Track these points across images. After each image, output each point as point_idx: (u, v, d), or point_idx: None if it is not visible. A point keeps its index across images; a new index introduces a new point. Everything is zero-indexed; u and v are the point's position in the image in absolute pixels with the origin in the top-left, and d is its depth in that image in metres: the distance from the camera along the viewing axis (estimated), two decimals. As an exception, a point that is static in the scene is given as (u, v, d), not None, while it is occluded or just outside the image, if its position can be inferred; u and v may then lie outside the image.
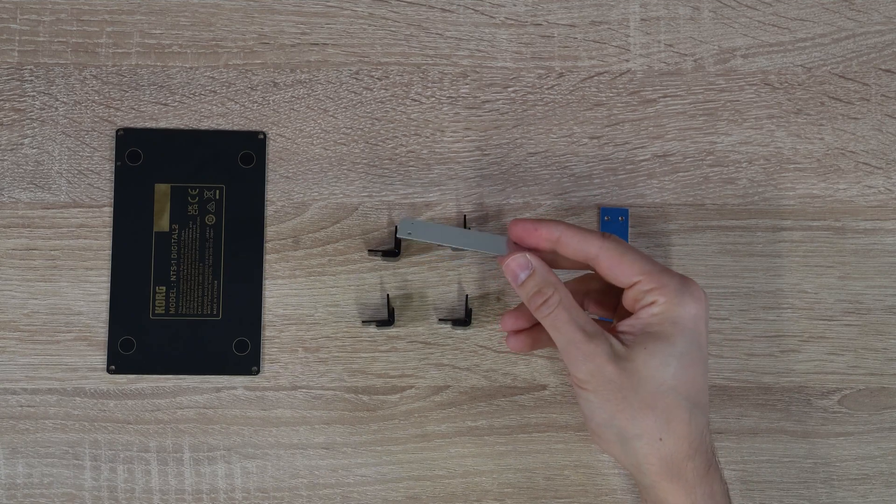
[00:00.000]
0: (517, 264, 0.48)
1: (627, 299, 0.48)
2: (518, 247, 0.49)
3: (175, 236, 0.56)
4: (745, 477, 0.56)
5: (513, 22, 0.58)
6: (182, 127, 0.57)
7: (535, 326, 0.52)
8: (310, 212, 0.57)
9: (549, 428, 0.56)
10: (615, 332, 0.48)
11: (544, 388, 0.56)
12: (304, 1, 0.58)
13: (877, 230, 0.57)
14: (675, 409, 0.47)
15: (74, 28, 0.57)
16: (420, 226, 0.50)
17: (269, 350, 0.56)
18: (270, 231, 0.56)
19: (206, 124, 0.57)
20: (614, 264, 0.47)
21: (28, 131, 0.56)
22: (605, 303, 0.52)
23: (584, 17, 0.58)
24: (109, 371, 0.55)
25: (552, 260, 0.49)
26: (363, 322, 0.56)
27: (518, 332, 0.53)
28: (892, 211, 0.58)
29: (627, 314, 0.49)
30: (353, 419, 0.56)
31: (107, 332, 0.55)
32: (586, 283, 0.52)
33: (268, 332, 0.56)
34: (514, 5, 0.58)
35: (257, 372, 0.55)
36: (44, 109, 0.56)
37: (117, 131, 0.56)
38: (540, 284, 0.48)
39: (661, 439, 0.47)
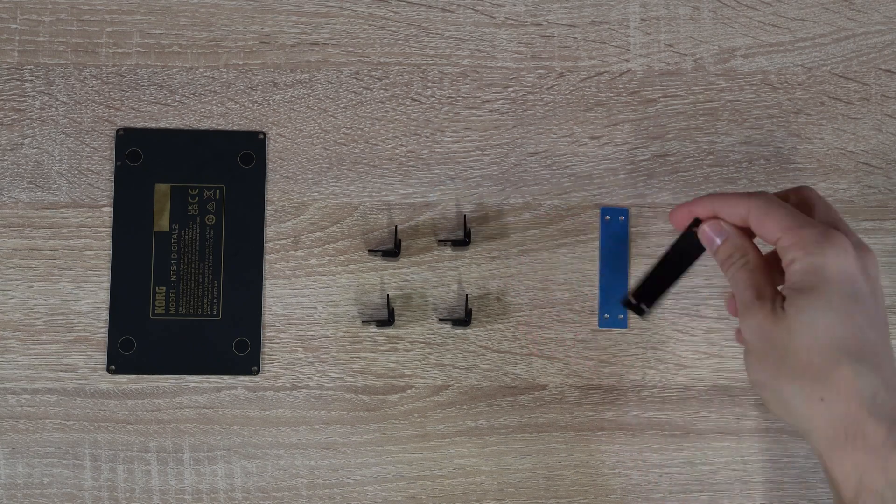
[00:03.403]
0: (713, 230, 0.49)
1: (782, 260, 0.48)
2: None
3: (175, 236, 0.56)
4: (745, 477, 0.56)
5: (513, 22, 0.58)
6: (182, 127, 0.57)
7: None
8: (310, 212, 0.57)
9: (549, 428, 0.56)
10: (780, 296, 0.47)
11: (544, 388, 0.56)
12: (304, 1, 0.58)
13: (877, 230, 0.57)
14: (835, 365, 0.44)
15: (74, 28, 0.57)
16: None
17: (269, 350, 0.56)
18: (270, 231, 0.56)
19: (206, 124, 0.57)
20: (761, 223, 0.47)
21: (28, 131, 0.56)
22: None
23: (584, 17, 0.58)
24: (109, 371, 0.55)
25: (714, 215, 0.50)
26: (363, 322, 0.56)
27: None
28: (892, 211, 0.57)
29: None
30: (353, 419, 0.56)
31: (107, 332, 0.55)
32: None
33: (268, 332, 0.56)
34: (514, 5, 0.58)
35: (257, 372, 0.55)
36: (44, 109, 0.56)
37: (117, 131, 0.56)
38: (731, 249, 0.48)
39: (822, 399, 0.44)
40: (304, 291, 0.56)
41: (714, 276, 0.57)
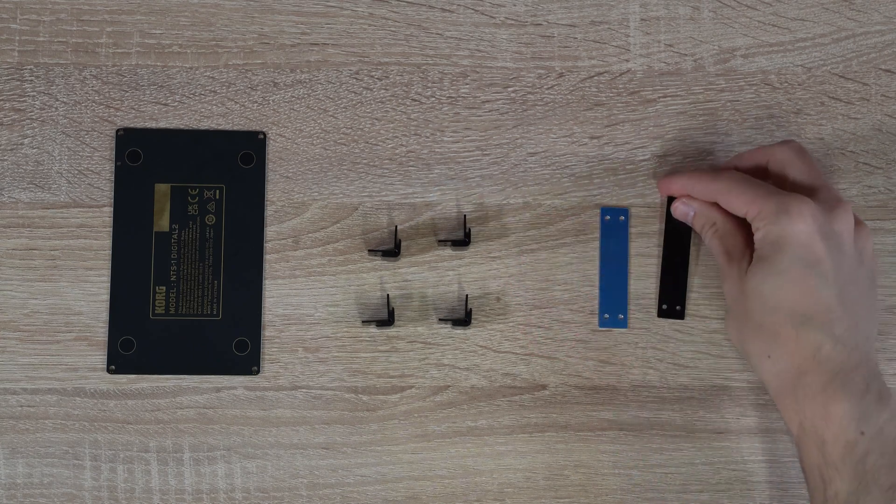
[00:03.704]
0: (683, 205, 0.55)
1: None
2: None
3: (175, 236, 0.56)
4: (745, 477, 0.56)
5: (513, 22, 0.58)
6: (182, 127, 0.57)
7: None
8: (310, 212, 0.57)
9: (549, 428, 0.56)
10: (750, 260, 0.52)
11: (544, 387, 0.56)
12: (304, 1, 0.58)
13: (877, 230, 0.57)
14: (781, 326, 0.49)
15: (74, 28, 0.57)
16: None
17: (269, 350, 0.56)
18: (270, 231, 0.56)
19: (206, 124, 0.57)
20: (728, 203, 0.52)
21: (28, 131, 0.56)
22: None
23: (584, 17, 0.58)
24: (109, 371, 0.55)
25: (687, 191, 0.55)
26: (363, 322, 0.56)
27: None
28: (892, 211, 0.57)
29: None
30: (353, 419, 0.56)
31: (107, 332, 0.55)
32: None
33: (268, 332, 0.56)
34: (514, 5, 0.58)
35: (257, 372, 0.55)
36: (44, 109, 0.56)
37: (117, 131, 0.56)
38: (702, 220, 0.54)
39: (769, 357, 0.50)
40: (304, 291, 0.56)
41: (714, 276, 0.57)
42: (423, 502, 0.55)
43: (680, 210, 0.55)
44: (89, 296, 0.56)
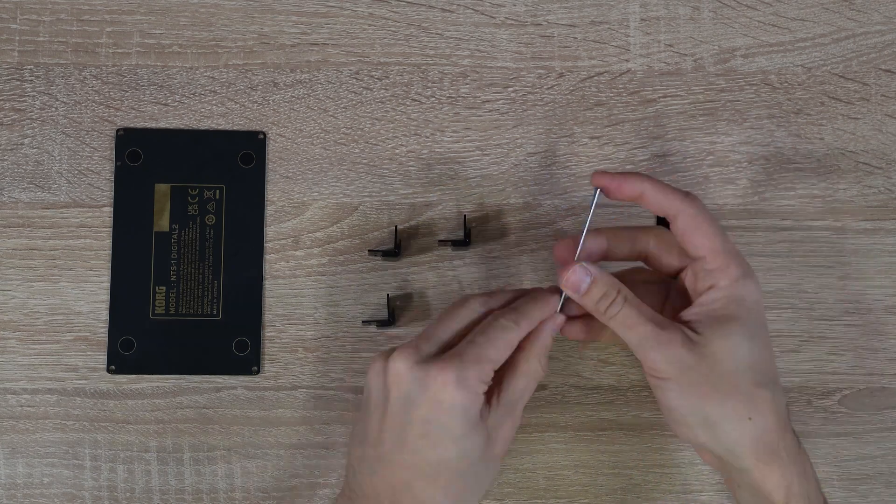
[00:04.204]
0: (577, 276, 0.47)
1: (689, 275, 0.48)
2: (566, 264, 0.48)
3: (175, 236, 0.56)
4: (745, 477, 0.56)
5: (513, 22, 0.58)
6: (182, 127, 0.57)
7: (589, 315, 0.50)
8: (310, 212, 0.57)
9: (549, 428, 0.56)
10: (681, 322, 0.47)
11: (544, 388, 0.56)
12: (304, 1, 0.58)
13: (877, 230, 0.57)
14: (757, 387, 0.46)
15: (74, 28, 0.57)
16: None
17: (269, 350, 0.56)
18: (270, 231, 0.56)
19: (206, 124, 0.57)
20: (690, 230, 0.47)
21: (28, 131, 0.56)
22: (648, 298, 0.50)
23: (584, 17, 0.58)
24: (109, 371, 0.55)
25: (605, 252, 0.50)
26: (363, 322, 0.56)
27: (573, 318, 0.50)
28: (892, 211, 0.58)
29: (682, 307, 0.49)
30: (354, 419, 0.55)
31: (107, 332, 0.55)
32: (632, 276, 0.52)
33: (268, 332, 0.56)
34: (514, 5, 0.58)
35: (257, 372, 0.55)
36: (44, 109, 0.56)
37: (117, 131, 0.56)
38: (604, 288, 0.47)
39: (749, 419, 0.46)
40: (304, 291, 0.56)
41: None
42: (423, 502, 0.55)
43: (574, 279, 0.47)
44: (89, 296, 0.56)
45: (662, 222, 0.52)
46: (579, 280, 0.47)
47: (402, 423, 0.45)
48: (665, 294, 0.51)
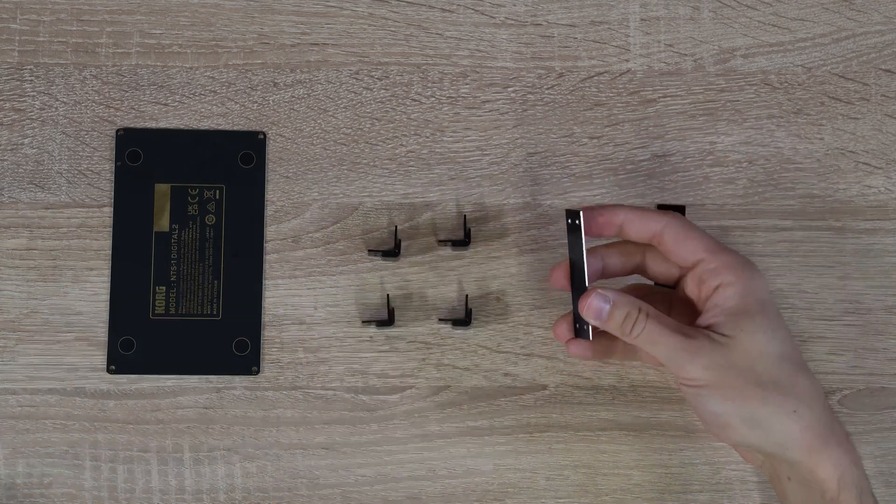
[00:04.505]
0: (597, 303, 0.47)
1: (690, 284, 0.48)
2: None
3: (175, 236, 0.56)
4: (745, 477, 0.56)
5: (513, 22, 0.58)
6: (182, 127, 0.57)
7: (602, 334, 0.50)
8: (310, 212, 0.57)
9: (549, 428, 0.56)
10: (703, 328, 0.47)
11: (544, 387, 0.56)
12: (304, 1, 0.58)
13: (877, 230, 0.57)
14: (796, 376, 0.46)
15: (74, 28, 0.57)
16: None
17: (269, 350, 0.56)
18: (270, 231, 0.56)
19: (206, 124, 0.57)
20: (679, 241, 0.47)
21: (28, 131, 0.56)
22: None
23: (584, 17, 0.58)
24: (109, 371, 0.55)
25: (601, 271, 0.50)
26: (363, 322, 0.56)
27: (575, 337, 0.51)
28: (892, 211, 0.58)
29: (687, 317, 0.48)
30: (353, 419, 0.55)
31: (107, 332, 0.55)
32: (635, 292, 0.51)
33: (268, 332, 0.56)
34: (514, 5, 0.58)
35: (257, 372, 0.55)
36: (44, 109, 0.56)
37: (117, 131, 0.56)
38: (626, 309, 0.47)
39: (795, 411, 0.46)
40: (304, 291, 0.56)
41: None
42: (423, 502, 0.55)
43: (595, 306, 0.47)
44: (89, 296, 0.56)
45: (664, 208, 0.53)
46: (599, 307, 0.47)
47: None
48: (669, 305, 0.51)
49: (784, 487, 0.48)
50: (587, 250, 0.49)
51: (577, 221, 0.48)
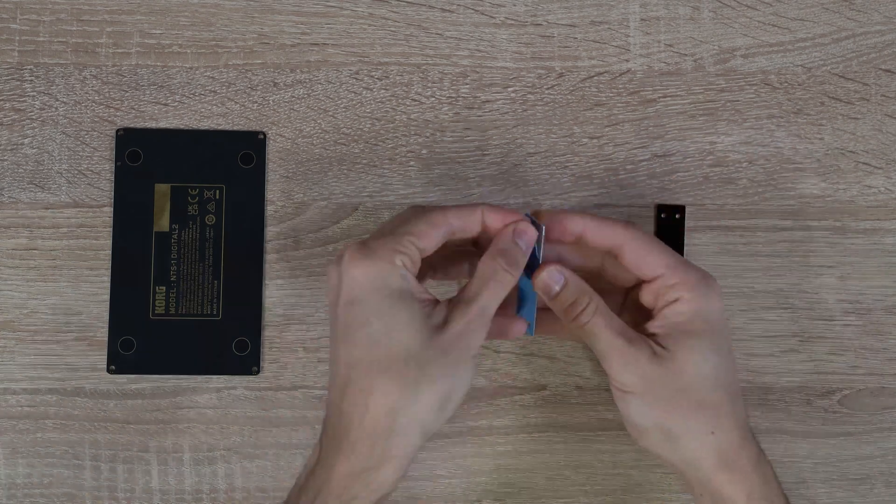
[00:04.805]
0: (550, 278, 0.47)
1: (647, 294, 0.48)
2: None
3: (175, 236, 0.56)
4: (745, 477, 0.56)
5: (513, 22, 0.58)
6: (182, 127, 0.57)
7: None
8: (310, 212, 0.57)
9: (549, 428, 0.56)
10: (647, 335, 0.48)
11: (544, 388, 0.56)
12: (304, 1, 0.58)
13: (877, 230, 0.57)
14: (722, 402, 0.47)
15: (74, 28, 0.57)
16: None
17: (269, 350, 0.56)
18: (270, 231, 0.56)
19: (206, 124, 0.57)
20: (640, 255, 0.47)
21: (28, 131, 0.56)
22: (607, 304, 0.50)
23: (584, 17, 0.58)
24: (109, 371, 0.55)
25: (559, 258, 0.49)
26: (363, 322, 0.55)
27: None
28: (892, 211, 0.58)
29: (639, 315, 0.49)
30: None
31: (107, 332, 0.55)
32: (591, 282, 0.51)
33: (268, 332, 0.56)
34: (514, 5, 0.58)
35: (257, 372, 0.55)
36: (44, 109, 0.56)
37: (117, 131, 0.56)
38: (575, 294, 0.47)
39: (712, 433, 0.47)
40: (304, 291, 0.56)
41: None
42: (424, 502, 0.55)
43: (545, 280, 0.47)
44: (89, 296, 0.56)
45: (663, 208, 0.53)
46: (552, 281, 0.47)
47: (333, 318, 0.45)
48: (622, 302, 0.51)
49: (697, 500, 0.49)
50: (545, 244, 0.48)
51: (539, 228, 0.47)
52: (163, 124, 0.57)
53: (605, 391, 0.56)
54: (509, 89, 0.58)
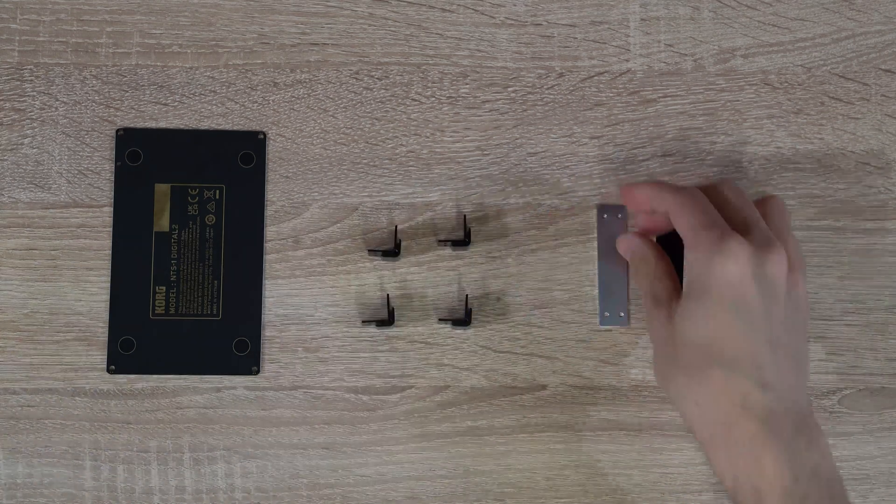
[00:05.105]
0: (625, 245, 0.54)
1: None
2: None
3: (175, 236, 0.56)
4: (745, 477, 0.56)
5: (513, 22, 0.58)
6: (182, 127, 0.57)
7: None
8: (310, 212, 0.57)
9: (549, 428, 0.56)
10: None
11: (544, 387, 0.56)
12: (304, 1, 0.58)
13: (877, 230, 0.57)
14: (710, 368, 0.47)
15: (74, 28, 0.57)
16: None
17: (269, 350, 0.56)
18: (270, 231, 0.56)
19: (206, 124, 0.57)
20: (678, 218, 0.50)
21: (28, 131, 0.56)
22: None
23: (584, 17, 0.58)
24: (109, 371, 0.55)
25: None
26: (363, 322, 0.56)
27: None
28: (892, 211, 0.58)
29: None
30: (353, 419, 0.56)
31: (107, 332, 0.55)
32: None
33: (268, 332, 0.56)
34: (514, 5, 0.58)
35: (257, 372, 0.55)
36: (44, 109, 0.56)
37: (117, 131, 0.56)
38: (637, 256, 0.53)
39: (697, 404, 0.48)
40: (304, 291, 0.56)
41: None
42: (423, 502, 0.55)
43: (624, 244, 0.54)
44: (89, 296, 0.56)
45: None
46: (626, 248, 0.54)
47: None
48: None
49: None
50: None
51: (618, 216, 0.56)
52: (163, 124, 0.57)
53: (605, 391, 0.56)
54: (509, 89, 0.58)
